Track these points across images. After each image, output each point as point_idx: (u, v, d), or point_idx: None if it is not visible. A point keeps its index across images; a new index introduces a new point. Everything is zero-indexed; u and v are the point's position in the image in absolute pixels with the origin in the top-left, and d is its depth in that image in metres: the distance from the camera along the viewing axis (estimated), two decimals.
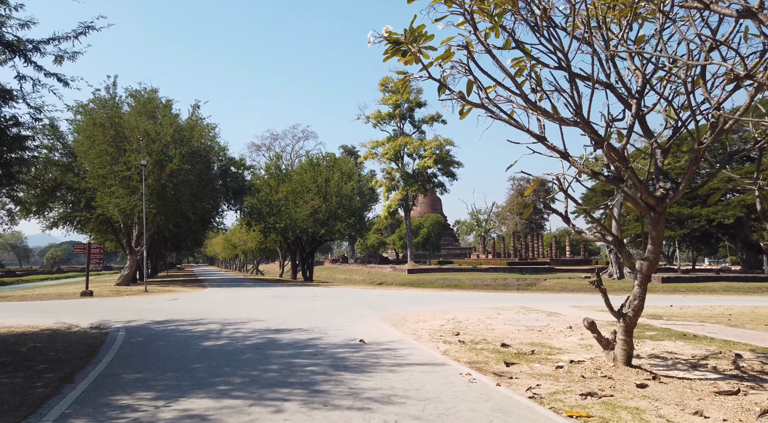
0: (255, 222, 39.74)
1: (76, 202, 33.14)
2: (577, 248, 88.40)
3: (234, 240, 71.29)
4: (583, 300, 18.93)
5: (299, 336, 9.06)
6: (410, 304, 16.35)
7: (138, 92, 30.65)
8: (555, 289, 37.92)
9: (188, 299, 18.42)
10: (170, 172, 27.33)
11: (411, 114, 58.86)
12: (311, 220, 36.61)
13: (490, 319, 11.85)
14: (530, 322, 11.13)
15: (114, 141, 28.15)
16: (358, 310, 13.87)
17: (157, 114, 29.74)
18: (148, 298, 19.26)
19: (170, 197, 27.81)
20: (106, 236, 39.63)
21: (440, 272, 55.00)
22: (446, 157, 55.67)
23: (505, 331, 9.82)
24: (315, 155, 41.41)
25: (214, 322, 11.08)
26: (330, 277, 67.02)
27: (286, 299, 18.12)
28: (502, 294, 23.35)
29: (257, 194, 38.32)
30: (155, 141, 27.90)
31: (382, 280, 52.97)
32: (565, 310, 14.69)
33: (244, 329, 10.01)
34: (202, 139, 29.62)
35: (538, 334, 9.46)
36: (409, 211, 59.68)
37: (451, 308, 14.84)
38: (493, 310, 14.07)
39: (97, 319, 11.70)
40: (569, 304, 17.03)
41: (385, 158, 57.59)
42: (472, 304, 16.47)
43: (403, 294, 21.48)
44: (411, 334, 9.34)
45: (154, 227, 30.56)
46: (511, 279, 52.40)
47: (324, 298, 18.51)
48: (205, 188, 30.70)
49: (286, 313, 13.15)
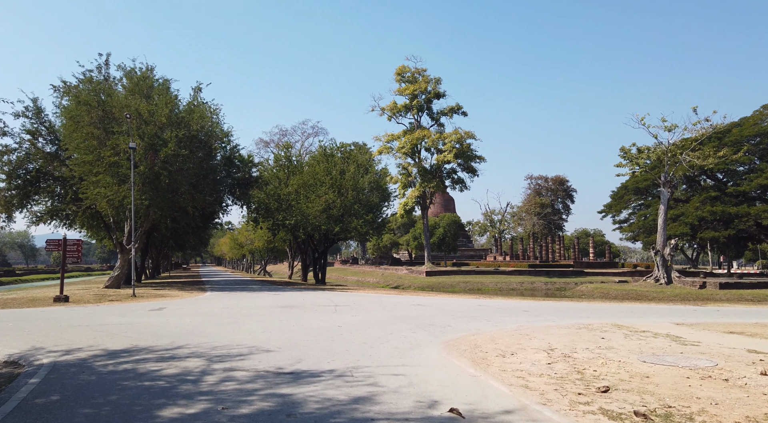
0: (262, 218, 36.04)
1: (63, 195, 29.61)
2: (602, 250, 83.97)
3: (240, 239, 67.70)
4: (666, 313, 14.94)
5: (334, 392, 5.25)
6: (460, 318, 12.54)
7: (132, 70, 27.05)
8: (596, 296, 33.87)
9: (177, 309, 14.67)
10: (165, 158, 23.67)
11: (429, 105, 54.96)
12: (324, 216, 32.83)
13: (602, 348, 8.02)
14: (672, 357, 7.27)
15: (102, 122, 24.55)
16: (402, 330, 10.07)
17: (152, 94, 26.12)
18: (128, 307, 15.56)
19: (165, 187, 24.14)
20: (99, 233, 36.16)
21: (460, 275, 51.08)
22: (467, 151, 51.69)
23: (663, 377, 5.96)
24: (329, 145, 37.61)
25: (198, 354, 7.31)
26: (341, 278, 63.27)
27: (301, 311, 14.33)
28: (548, 303, 19.45)
29: (265, 188, 34.59)
30: (148, 123, 24.27)
31: (398, 283, 49.13)
32: (677, 329, 10.86)
33: (242, 371, 6.23)
34: (202, 122, 25.90)
35: (729, 387, 5.59)
36: (426, 209, 55.79)
37: (522, 326, 11.02)
38: (585, 331, 10.25)
39: (29, 345, 7.99)
40: (659, 319, 13.12)
41: (401, 153, 53.77)
42: (540, 319, 12.64)
43: (439, 303, 17.63)
44: (523, 388, 5.51)
45: (148, 222, 26.93)
46: (538, 283, 48.38)
47: (348, 309, 14.71)
48: (206, 178, 26.97)
49: (305, 335, 9.36)
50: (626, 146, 38.23)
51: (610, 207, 62.56)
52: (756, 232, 51.62)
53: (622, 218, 64.13)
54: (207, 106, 27.08)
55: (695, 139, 35.70)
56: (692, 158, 35.27)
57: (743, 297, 28.51)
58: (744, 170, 53.44)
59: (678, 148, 35.94)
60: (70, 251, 18.84)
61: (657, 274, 36.30)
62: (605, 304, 19.48)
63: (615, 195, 60.76)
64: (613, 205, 61.79)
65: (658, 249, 36.32)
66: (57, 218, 31.18)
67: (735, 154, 36.17)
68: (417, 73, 54.44)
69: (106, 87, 26.49)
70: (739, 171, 53.53)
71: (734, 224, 45.77)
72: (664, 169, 36.24)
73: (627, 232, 61.88)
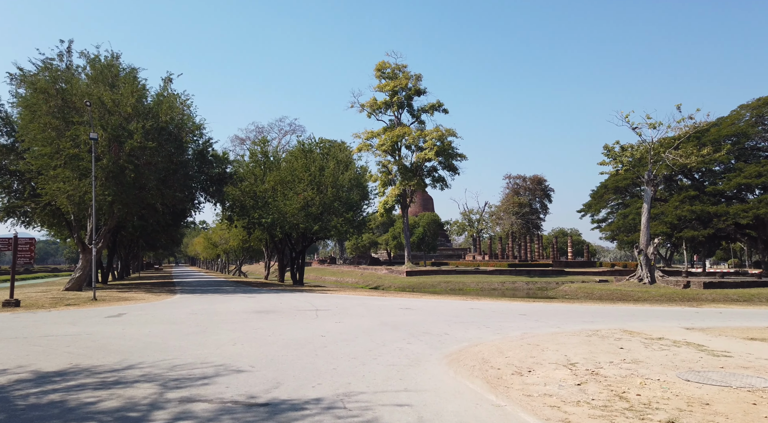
0: (237, 217, 34.39)
1: (21, 191, 27.55)
2: (579, 249, 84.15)
3: (215, 238, 65.52)
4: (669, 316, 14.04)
5: None
6: (455, 324, 11.39)
7: (96, 58, 25.19)
8: (580, 296, 33.23)
9: (139, 316, 13.16)
10: (130, 150, 21.98)
11: (410, 102, 53.83)
12: (303, 214, 31.38)
13: (628, 362, 6.95)
14: (716, 374, 6.22)
15: (61, 112, 22.71)
16: (394, 340, 8.84)
17: (117, 83, 24.32)
18: (84, 313, 13.97)
19: (131, 182, 22.44)
20: (61, 232, 34.03)
21: (440, 275, 50.11)
22: (448, 149, 50.77)
23: (725, 404, 4.88)
24: (307, 140, 36.13)
25: (151, 377, 5.94)
26: (319, 279, 61.73)
27: (278, 316, 12.97)
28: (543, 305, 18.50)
29: (240, 184, 32.96)
30: (113, 113, 22.53)
31: (378, 283, 47.90)
32: (692, 335, 9.94)
33: (203, 402, 4.91)
34: (172, 113, 24.22)
35: None
36: (406, 208, 54.70)
37: (526, 334, 9.92)
38: (597, 338, 9.22)
39: None
40: (666, 323, 12.20)
41: (381, 150, 52.55)
42: (541, 324, 11.59)
43: (427, 306, 16.46)
44: None
45: (112, 220, 25.13)
46: (519, 283, 47.73)
47: (331, 314, 13.41)
48: (176, 173, 25.30)
49: (283, 348, 8.05)
50: (609, 144, 37.81)
51: (590, 206, 62.53)
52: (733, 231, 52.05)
53: (601, 217, 64.20)
54: (177, 96, 25.42)
55: (678, 138, 35.43)
56: (675, 156, 34.97)
57: (729, 297, 28.13)
58: (720, 170, 53.85)
59: (661, 146, 35.60)
60: (22, 251, 17.07)
61: (640, 274, 35.88)
62: (600, 306, 18.60)
63: (595, 194, 60.70)
64: (593, 205, 61.76)
65: (642, 248, 35.91)
66: (14, 216, 29.10)
67: (717, 153, 35.99)
68: (397, 69, 53.28)
69: (68, 75, 24.61)
70: (715, 171, 53.92)
71: (713, 223, 45.87)
72: (647, 167, 35.87)
73: (606, 231, 61.88)
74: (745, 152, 50.72)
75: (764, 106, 49.36)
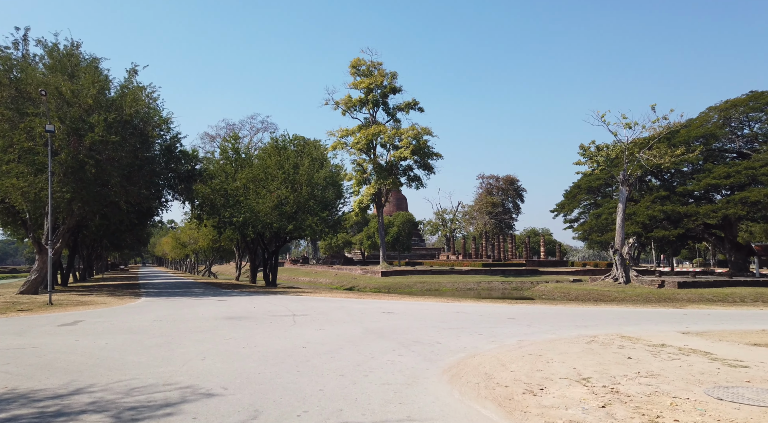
0: (207, 215, 32.98)
1: None
2: (552, 249, 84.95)
3: (183, 238, 63.39)
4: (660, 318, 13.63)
5: None
6: (445, 331, 10.65)
7: (54, 46, 23.58)
8: (557, 296, 33.07)
9: (96, 323, 11.98)
10: (91, 144, 20.56)
11: (385, 100, 53.08)
12: (276, 213, 30.24)
13: (643, 375, 6.31)
14: (748, 391, 5.63)
15: (14, 102, 21.12)
16: (384, 351, 8.01)
17: (78, 73, 22.80)
18: (35, 320, 12.68)
19: (91, 178, 21.00)
20: (18, 231, 32.04)
21: (416, 275, 49.55)
22: (424, 147, 50.26)
23: None
24: (281, 137, 34.94)
25: (102, 405, 4.96)
26: (293, 279, 60.41)
27: (253, 323, 11.99)
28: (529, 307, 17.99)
29: (210, 182, 31.57)
30: (72, 104, 21.03)
31: (353, 284, 47.01)
32: (691, 341, 9.49)
33: None
34: (136, 105, 22.82)
35: None
36: (381, 207, 53.90)
37: (523, 342, 9.26)
38: (599, 346, 8.62)
39: None
40: (658, 326, 11.77)
41: (356, 149, 51.64)
42: (534, 330, 10.98)
43: (410, 310, 15.68)
44: None
45: (72, 218, 23.55)
46: (495, 282, 47.59)
47: (309, 320, 12.49)
48: (142, 170, 23.89)
49: (259, 363, 7.13)
50: (585, 144, 37.87)
51: (563, 206, 62.87)
52: (702, 231, 53.06)
53: (573, 217, 64.67)
54: (143, 88, 24.00)
55: (652, 138, 35.70)
56: (649, 156, 35.20)
57: (704, 296, 28.30)
58: (688, 171, 54.84)
59: (635, 146, 35.80)
60: None
61: (615, 273, 35.98)
62: (585, 308, 18.17)
63: (568, 194, 61.06)
64: (565, 204, 62.09)
65: (617, 248, 36.03)
66: None
67: (690, 153, 36.39)
68: (373, 67, 52.44)
69: (24, 64, 22.95)
70: (684, 171, 54.88)
71: (683, 223, 46.51)
72: (623, 167, 36.02)
73: (579, 231, 62.34)
74: (713, 153, 51.69)
75: (731, 109, 50.43)
